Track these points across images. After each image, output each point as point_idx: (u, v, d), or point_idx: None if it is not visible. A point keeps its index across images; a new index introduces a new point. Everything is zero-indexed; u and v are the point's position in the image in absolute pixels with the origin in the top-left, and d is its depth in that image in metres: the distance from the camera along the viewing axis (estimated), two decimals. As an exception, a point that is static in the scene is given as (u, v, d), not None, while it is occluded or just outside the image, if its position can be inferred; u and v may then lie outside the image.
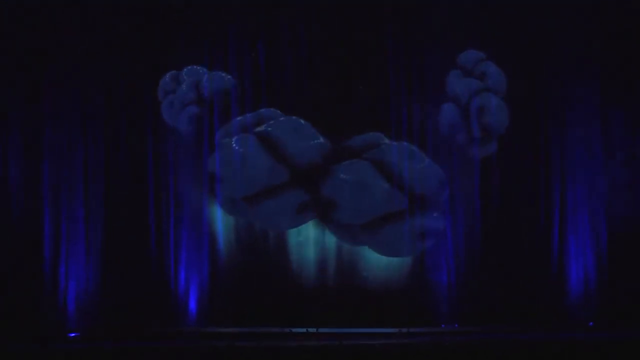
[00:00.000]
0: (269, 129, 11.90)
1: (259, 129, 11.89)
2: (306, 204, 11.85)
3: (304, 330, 11.30)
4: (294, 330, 11.31)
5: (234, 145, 11.88)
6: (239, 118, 11.92)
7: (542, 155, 11.95)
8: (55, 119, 11.63)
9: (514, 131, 11.99)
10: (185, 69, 12.03)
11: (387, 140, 11.91)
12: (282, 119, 11.99)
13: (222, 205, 11.91)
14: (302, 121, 11.98)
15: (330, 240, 12.05)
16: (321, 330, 11.23)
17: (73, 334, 11.33)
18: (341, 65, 11.95)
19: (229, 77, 11.99)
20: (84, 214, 11.60)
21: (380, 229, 11.79)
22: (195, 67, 12.02)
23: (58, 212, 11.57)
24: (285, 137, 11.87)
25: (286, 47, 11.94)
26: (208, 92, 11.92)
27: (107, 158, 11.78)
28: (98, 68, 11.69)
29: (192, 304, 11.70)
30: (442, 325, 11.71)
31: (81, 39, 11.62)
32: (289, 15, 11.92)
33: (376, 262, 12.01)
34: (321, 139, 11.94)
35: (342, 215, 11.83)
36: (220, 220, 11.98)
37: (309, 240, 12.03)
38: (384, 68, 11.94)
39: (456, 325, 11.71)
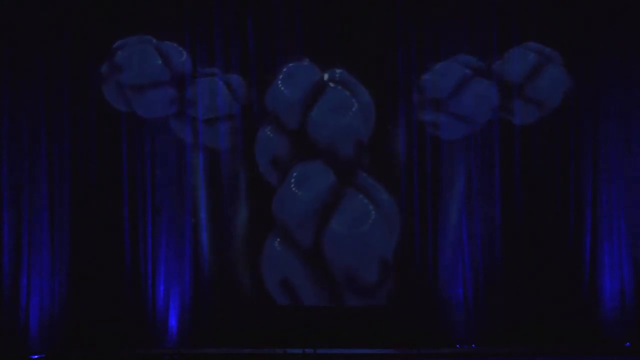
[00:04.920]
0: None
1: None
2: None
3: (301, 351, 10.87)
4: (289, 351, 10.88)
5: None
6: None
7: (572, 150, 11.27)
8: (13, 109, 11.16)
9: (540, 123, 11.33)
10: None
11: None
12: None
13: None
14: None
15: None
16: (320, 351, 10.82)
17: (36, 356, 10.86)
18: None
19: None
20: (49, 219, 11.12)
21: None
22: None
23: (19, 217, 11.10)
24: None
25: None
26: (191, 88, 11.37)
27: (75, 154, 11.25)
28: (63, 49, 11.15)
29: (173, 322, 11.22)
30: (457, 346, 11.17)
31: (44, 14, 11.15)
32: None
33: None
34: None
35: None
36: (204, 224, 11.39)
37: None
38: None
39: (473, 346, 11.17)
